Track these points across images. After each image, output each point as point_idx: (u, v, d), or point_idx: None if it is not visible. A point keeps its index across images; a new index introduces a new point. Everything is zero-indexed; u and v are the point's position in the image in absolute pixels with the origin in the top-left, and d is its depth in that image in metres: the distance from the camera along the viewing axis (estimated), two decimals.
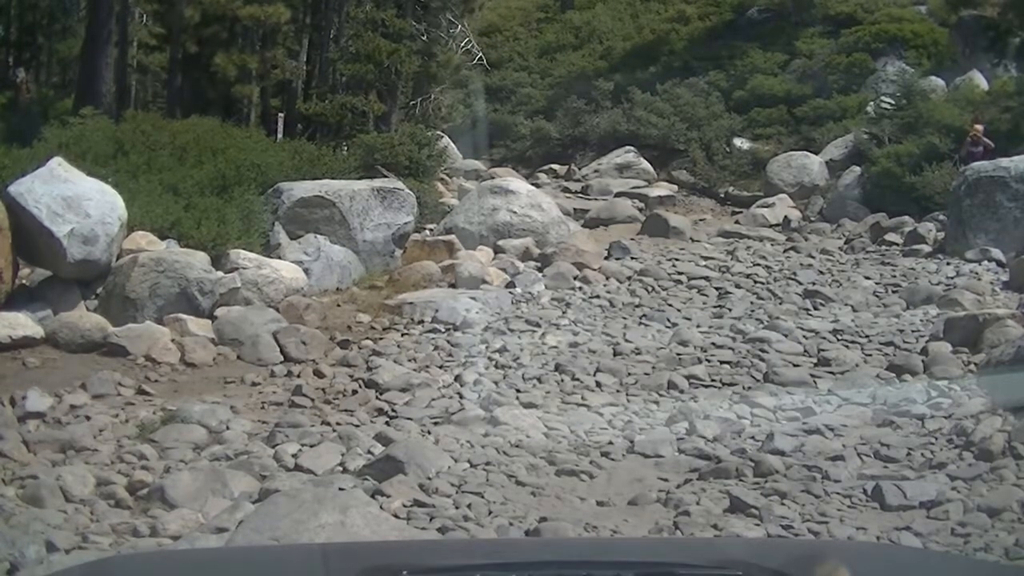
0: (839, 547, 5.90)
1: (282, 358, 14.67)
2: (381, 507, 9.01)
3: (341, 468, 10.48)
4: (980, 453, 10.58)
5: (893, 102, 27.77)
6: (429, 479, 10.04)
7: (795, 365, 14.12)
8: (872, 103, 29.01)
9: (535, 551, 4.52)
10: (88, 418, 11.93)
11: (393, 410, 12.39)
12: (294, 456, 10.69)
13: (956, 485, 9.91)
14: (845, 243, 22.47)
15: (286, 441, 11.11)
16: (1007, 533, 8.76)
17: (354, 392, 13.18)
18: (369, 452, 10.81)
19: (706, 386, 13.41)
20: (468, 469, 10.49)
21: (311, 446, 10.98)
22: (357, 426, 11.79)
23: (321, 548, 5.57)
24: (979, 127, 23.65)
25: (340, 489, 9.43)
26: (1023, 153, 21.39)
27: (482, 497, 9.70)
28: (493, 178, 25.87)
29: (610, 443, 11.38)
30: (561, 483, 10.32)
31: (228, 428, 11.72)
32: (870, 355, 14.56)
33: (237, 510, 8.97)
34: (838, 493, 9.87)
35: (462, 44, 31.89)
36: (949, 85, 28.87)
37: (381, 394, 12.95)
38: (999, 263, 19.27)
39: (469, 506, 9.49)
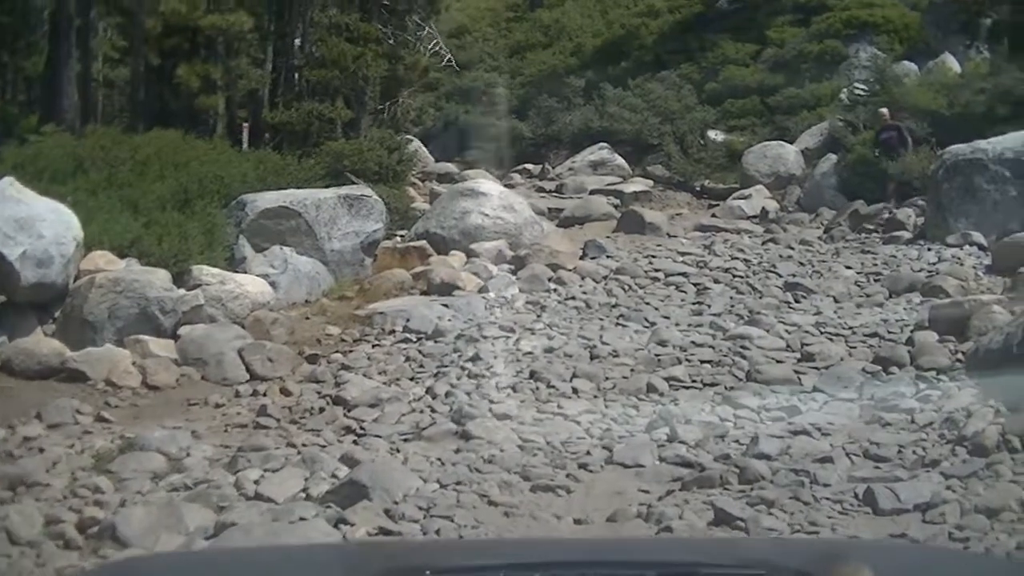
0: (862, 546, 5.74)
1: (248, 376, 14.21)
2: (344, 537, 8.54)
3: (304, 495, 9.94)
4: (974, 448, 10.12)
5: (867, 88, 27.53)
6: (396, 503, 9.54)
7: (778, 362, 13.68)
8: (845, 90, 28.75)
9: (557, 551, 4.43)
10: (42, 450, 11.37)
11: (361, 428, 11.89)
12: (255, 483, 10.16)
13: (951, 484, 9.43)
14: (824, 232, 22.13)
15: (248, 467, 10.59)
16: (1007, 535, 8.29)
17: (321, 410, 12.69)
18: (334, 476, 10.28)
19: (687, 388, 12.94)
20: (437, 490, 9.98)
21: (274, 471, 10.46)
22: (323, 447, 11.28)
23: (344, 547, 6.06)
24: (884, 111, 23.29)
25: (301, 519, 8.97)
26: (999, 135, 21.01)
27: (452, 521, 9.18)
28: (465, 180, 25.43)
29: (588, 453, 10.89)
30: (536, 500, 9.83)
31: (188, 455, 11.19)
32: (855, 348, 14.14)
33: (190, 547, 8.47)
34: (828, 498, 9.39)
35: (430, 46, 31.49)
36: (922, 69, 28.57)
37: (349, 411, 12.46)
38: (981, 247, 18.97)
39: (438, 531, 8.96)
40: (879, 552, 4.58)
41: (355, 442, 11.49)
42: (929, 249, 19.29)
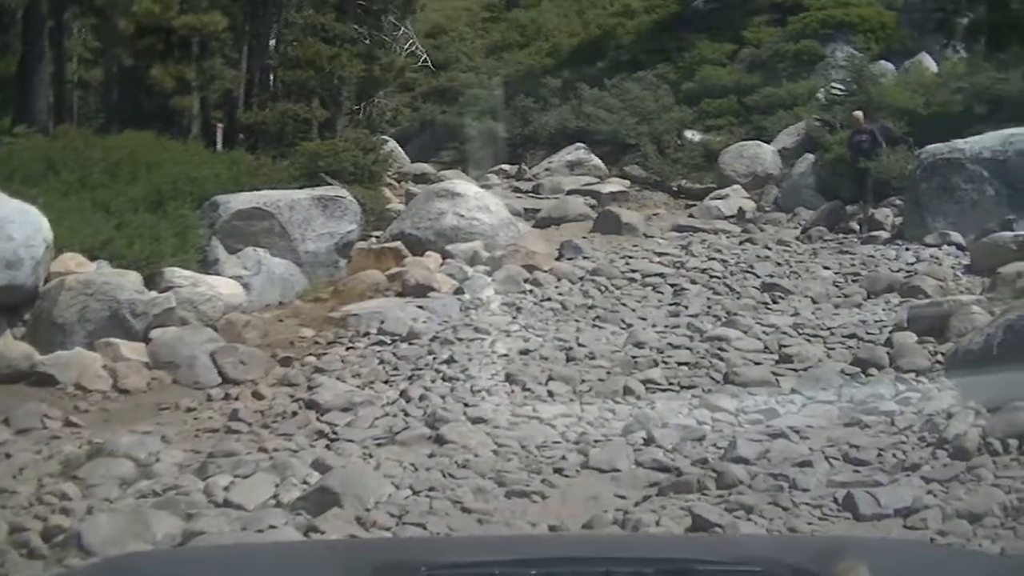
0: (860, 543, 5.64)
1: (220, 380, 14.02)
2: None
3: (274, 501, 9.74)
4: (955, 451, 10.01)
5: (843, 88, 27.39)
6: (367, 510, 9.36)
7: (756, 363, 13.57)
8: (822, 90, 28.62)
9: (554, 547, 4.43)
10: (8, 456, 11.17)
11: (334, 432, 11.68)
12: (225, 489, 9.96)
13: (932, 488, 9.31)
14: (802, 232, 22.02)
15: (218, 473, 10.40)
16: (991, 541, 8.17)
17: (294, 414, 12.49)
18: (305, 482, 10.08)
19: (664, 390, 12.79)
20: (410, 497, 9.80)
21: (244, 477, 10.26)
22: (295, 452, 11.08)
23: (339, 544, 5.89)
24: (858, 113, 23.14)
25: (270, 527, 8.80)
26: (977, 134, 20.94)
27: (424, 528, 9.04)
28: (442, 181, 25.27)
29: (563, 458, 10.72)
30: (511, 506, 9.67)
31: (158, 460, 10.95)
32: (833, 349, 14.03)
33: None
34: (807, 504, 9.25)
35: (406, 46, 31.35)
36: (899, 69, 28.55)
37: (322, 415, 12.25)
38: (959, 247, 18.90)
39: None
40: (877, 549, 4.50)
41: (327, 447, 11.31)
42: (907, 249, 19.20)
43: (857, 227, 21.50)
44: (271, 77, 28.65)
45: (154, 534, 8.91)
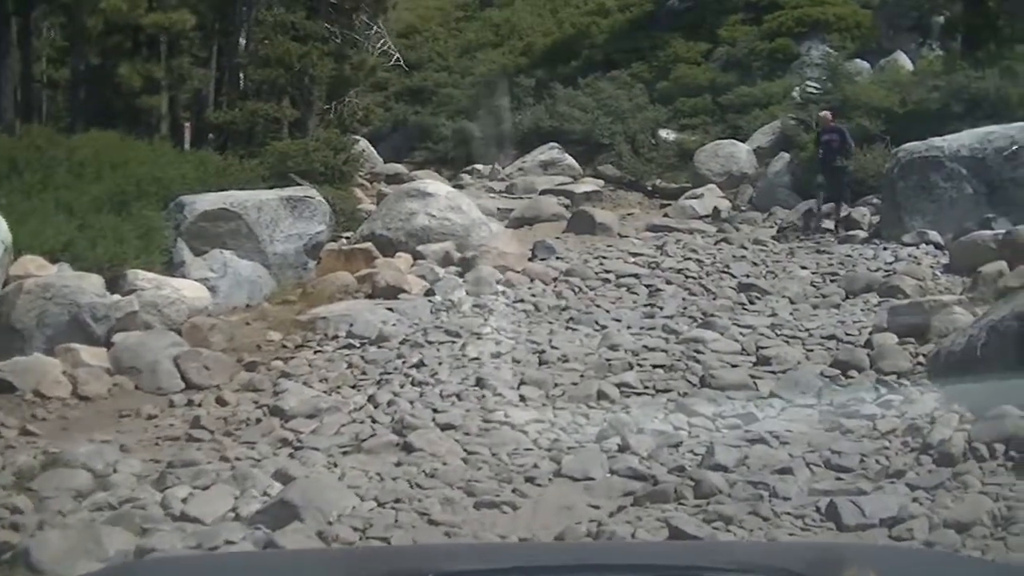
0: (861, 550, 5.73)
1: (184, 385, 13.70)
2: None
3: (233, 514, 9.41)
4: (940, 457, 9.73)
5: (819, 86, 27.16)
6: (330, 523, 9.02)
7: (733, 366, 13.29)
8: (798, 88, 28.35)
9: (557, 555, 4.50)
10: None
11: (298, 440, 11.36)
12: (183, 501, 9.61)
13: (917, 496, 9.03)
14: (778, 232, 21.74)
15: (177, 484, 10.06)
16: (980, 552, 7.86)
17: (258, 421, 12.16)
18: (266, 493, 9.73)
19: (639, 394, 12.50)
20: (375, 509, 9.46)
21: (203, 488, 9.92)
22: (257, 461, 10.75)
23: (346, 552, 6.21)
24: (826, 113, 22.80)
25: (227, 542, 8.44)
26: (954, 132, 20.71)
27: (388, 543, 8.70)
28: (414, 181, 24.96)
29: (535, 466, 10.41)
30: (480, 518, 9.34)
31: (115, 471, 10.60)
32: (812, 350, 13.75)
33: None
34: (789, 513, 8.94)
35: (378, 45, 31.06)
36: (874, 67, 28.37)
37: (287, 422, 11.93)
38: (937, 246, 18.64)
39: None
40: (879, 556, 4.45)
41: (291, 456, 10.98)
42: (885, 248, 18.96)
43: (832, 227, 21.24)
44: (241, 76, 28.30)
45: (106, 551, 8.54)
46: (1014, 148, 19.36)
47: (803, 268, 18.18)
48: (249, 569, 4.02)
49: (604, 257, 19.76)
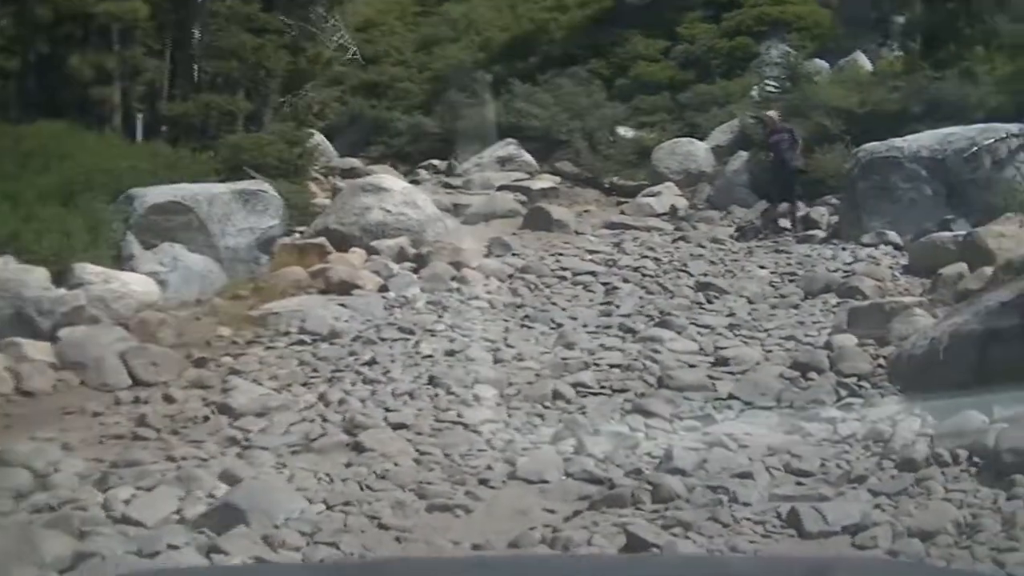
0: (848, 564, 5.41)
1: (130, 382, 13.30)
2: None
3: (177, 517, 9.13)
4: (902, 462, 9.52)
5: (778, 86, 27.08)
6: (276, 527, 8.73)
7: (691, 366, 13.08)
8: (757, 87, 28.28)
9: (534, 567, 4.43)
10: None
11: (247, 439, 11.04)
12: (126, 503, 9.31)
13: (880, 503, 8.83)
14: (736, 231, 21.60)
15: (119, 484, 9.75)
16: (945, 561, 7.66)
17: (206, 419, 11.83)
18: (211, 495, 9.44)
19: (595, 394, 12.24)
20: (323, 512, 9.19)
21: (147, 490, 9.61)
22: (204, 461, 10.45)
23: (316, 566, 6.19)
24: (773, 113, 22.67)
25: (169, 547, 8.16)
26: (913, 133, 20.62)
27: (337, 548, 8.45)
28: (369, 176, 24.70)
29: (489, 468, 10.16)
30: (432, 522, 9.08)
31: (57, 471, 10.25)
32: (771, 351, 13.57)
33: None
34: (749, 519, 8.72)
35: (335, 39, 30.80)
36: (833, 67, 28.22)
37: (235, 420, 11.60)
38: (896, 246, 18.54)
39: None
40: (865, 569, 4.33)
41: (239, 456, 10.66)
42: (844, 249, 18.85)
43: (789, 226, 21.12)
44: (195, 68, 27.94)
45: (42, 557, 8.23)
46: (974, 150, 19.29)
47: (761, 268, 18.06)
48: None
49: (560, 254, 19.57)
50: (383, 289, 17.12)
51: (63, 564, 8.18)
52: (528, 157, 29.39)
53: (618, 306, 15.86)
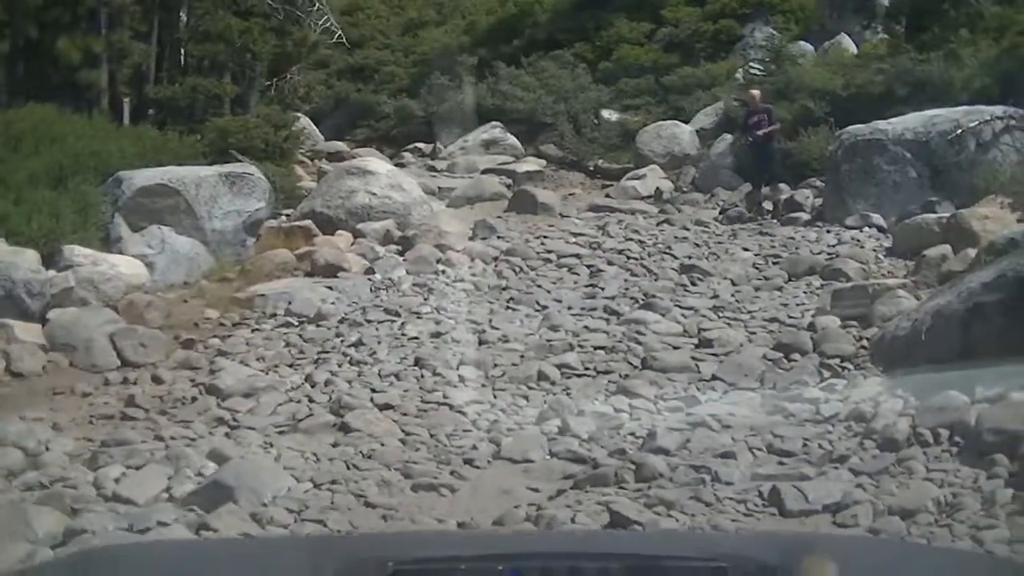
0: (828, 540, 5.67)
1: (119, 363, 13.40)
2: None
3: (167, 495, 9.23)
4: (883, 442, 9.62)
5: (762, 68, 27.13)
6: (264, 505, 8.84)
7: (675, 348, 13.16)
8: (741, 70, 28.34)
9: (523, 543, 4.53)
10: None
11: (235, 419, 11.14)
12: (116, 481, 9.42)
13: (861, 482, 8.91)
14: (720, 213, 21.65)
15: (110, 463, 9.84)
16: (925, 539, 7.75)
17: (194, 399, 11.93)
18: (200, 474, 9.56)
19: (579, 375, 12.34)
20: (311, 490, 9.29)
21: (137, 468, 9.72)
22: (192, 440, 10.55)
23: (306, 540, 6.10)
24: (755, 92, 22.66)
25: (159, 523, 8.26)
26: (898, 116, 20.71)
27: (324, 526, 8.55)
28: (355, 159, 24.76)
29: (474, 448, 10.26)
30: (418, 500, 9.18)
31: (48, 450, 10.38)
32: (754, 333, 13.65)
33: (35, 558, 7.73)
34: (731, 498, 8.81)
35: (320, 22, 30.79)
36: (818, 50, 28.29)
37: (223, 400, 11.70)
38: (880, 229, 18.58)
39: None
40: (847, 546, 4.41)
41: (227, 435, 10.76)
42: (828, 231, 18.89)
43: (770, 208, 21.17)
44: (182, 51, 27.96)
45: (35, 532, 8.34)
46: (958, 132, 19.40)
47: (745, 250, 18.08)
48: (203, 556, 3.97)
49: (545, 237, 19.59)
50: (369, 271, 17.16)
51: (55, 540, 8.30)
52: (513, 140, 29.43)
53: (603, 288, 15.92)
